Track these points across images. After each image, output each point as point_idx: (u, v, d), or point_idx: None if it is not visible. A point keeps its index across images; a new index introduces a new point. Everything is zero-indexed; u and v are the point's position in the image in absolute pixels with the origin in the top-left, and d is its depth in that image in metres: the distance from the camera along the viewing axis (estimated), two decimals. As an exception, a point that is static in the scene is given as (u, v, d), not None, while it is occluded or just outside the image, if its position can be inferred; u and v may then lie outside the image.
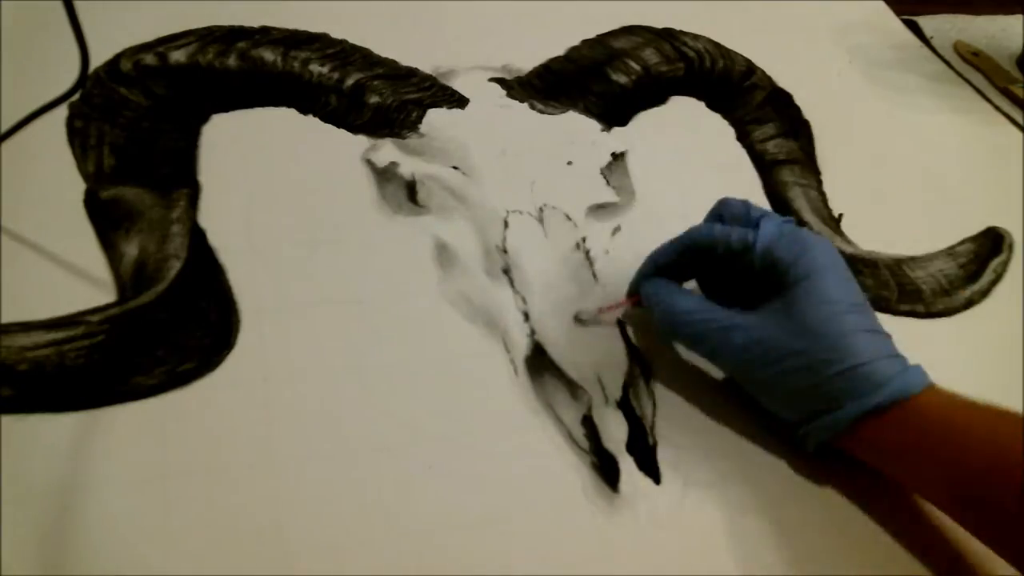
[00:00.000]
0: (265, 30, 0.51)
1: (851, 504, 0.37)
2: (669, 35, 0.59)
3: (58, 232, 0.41)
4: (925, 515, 0.37)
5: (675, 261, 0.39)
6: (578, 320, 0.41)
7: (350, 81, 0.49)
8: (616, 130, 0.52)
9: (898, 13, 0.70)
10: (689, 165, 0.52)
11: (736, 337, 0.36)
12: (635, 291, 0.40)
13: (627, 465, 0.37)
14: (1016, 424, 0.32)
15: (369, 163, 0.47)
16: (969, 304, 0.48)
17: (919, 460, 0.34)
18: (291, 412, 0.37)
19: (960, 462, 0.33)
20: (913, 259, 0.49)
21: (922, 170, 0.56)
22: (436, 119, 0.49)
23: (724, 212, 0.40)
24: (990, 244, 0.50)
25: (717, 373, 0.41)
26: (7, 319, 0.37)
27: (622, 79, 0.54)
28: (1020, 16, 0.72)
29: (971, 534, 0.34)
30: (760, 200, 0.51)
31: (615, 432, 0.38)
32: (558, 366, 0.39)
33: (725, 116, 0.55)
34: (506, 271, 0.43)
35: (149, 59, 0.48)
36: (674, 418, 0.39)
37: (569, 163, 0.48)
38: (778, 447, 0.39)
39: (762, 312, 0.36)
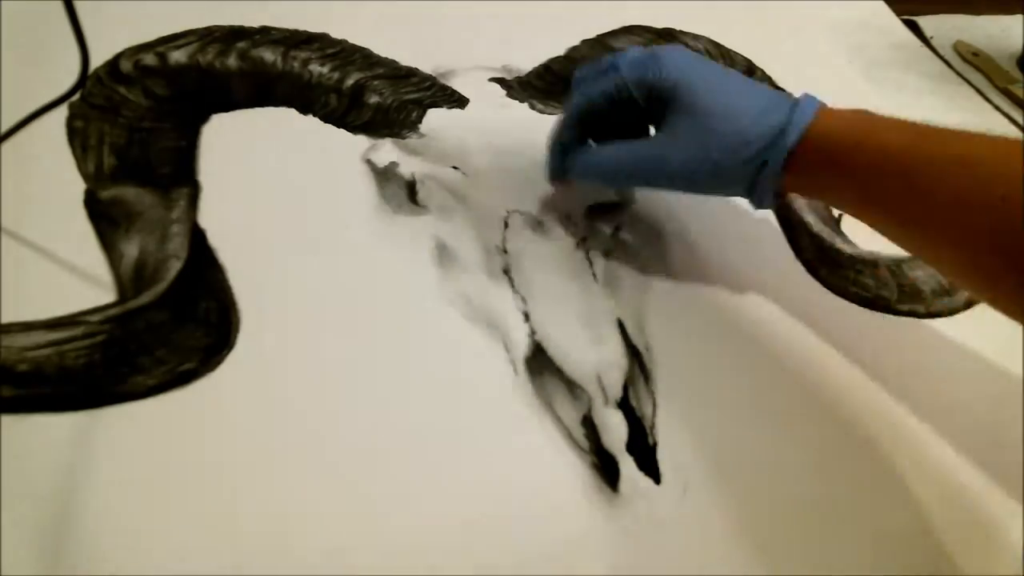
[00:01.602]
0: (265, 30, 0.51)
1: (851, 504, 0.37)
2: (669, 35, 0.59)
3: (58, 232, 0.41)
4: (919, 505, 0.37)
5: (576, 136, 0.41)
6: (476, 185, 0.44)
7: (350, 81, 0.49)
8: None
9: (898, 13, 0.70)
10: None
11: (660, 155, 0.38)
12: (559, 175, 0.42)
13: (627, 465, 0.37)
14: (902, 134, 0.35)
15: (369, 163, 0.47)
16: (969, 304, 0.48)
17: (835, 184, 0.36)
18: (291, 412, 0.37)
19: (865, 178, 0.35)
20: (913, 259, 0.49)
21: (922, 170, 0.56)
22: (436, 119, 0.49)
23: (586, 76, 0.41)
24: (990, 244, 0.50)
25: (717, 373, 0.41)
26: (7, 319, 0.37)
27: (622, 79, 0.54)
28: (1020, 16, 0.72)
29: (900, 244, 0.36)
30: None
31: (615, 432, 0.38)
32: (558, 366, 0.39)
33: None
34: (506, 271, 0.43)
35: (149, 59, 0.48)
36: (674, 418, 0.39)
37: (569, 163, 0.48)
38: (778, 446, 0.39)
39: (666, 130, 0.38)
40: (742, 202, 0.50)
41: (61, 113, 0.44)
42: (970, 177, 0.32)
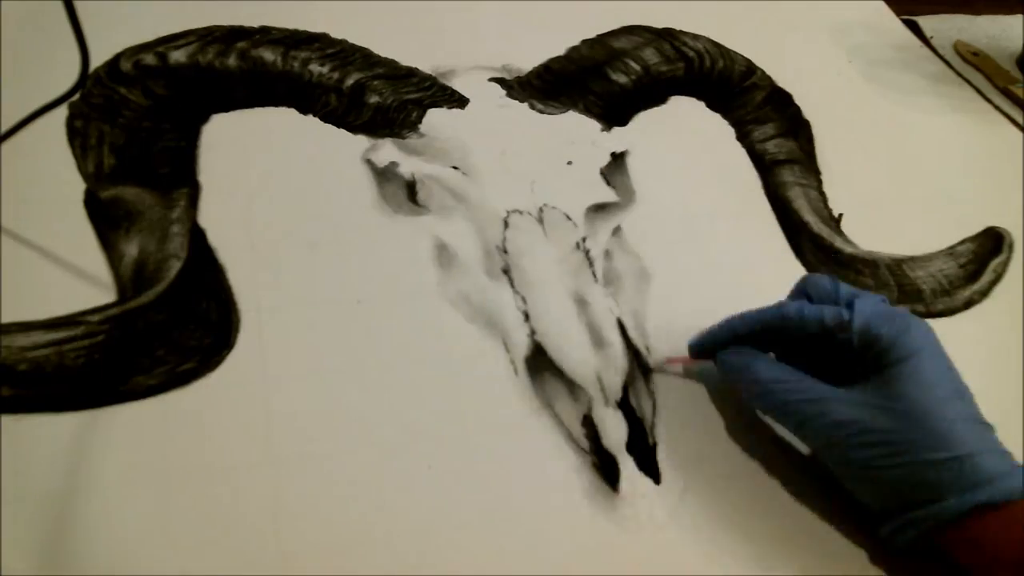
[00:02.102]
0: (265, 30, 0.51)
1: (850, 504, 0.37)
2: (669, 35, 0.59)
3: (58, 232, 0.41)
4: None
5: (755, 333, 0.37)
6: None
7: (350, 81, 0.49)
8: (616, 130, 0.52)
9: (898, 13, 0.70)
10: (689, 165, 0.52)
11: (830, 412, 0.33)
12: (699, 350, 0.39)
13: (627, 465, 0.37)
14: None
15: (369, 163, 0.47)
16: (969, 304, 0.48)
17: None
18: (291, 412, 0.37)
19: None
20: (913, 259, 0.49)
21: (922, 170, 0.56)
22: (436, 119, 0.49)
23: (810, 290, 0.38)
24: (990, 244, 0.50)
25: (717, 372, 0.41)
26: (7, 319, 0.37)
27: (622, 79, 0.54)
28: (1020, 16, 0.72)
29: None
30: (760, 200, 0.51)
31: (615, 432, 0.38)
32: (558, 366, 0.39)
33: (725, 116, 0.55)
34: (506, 271, 0.43)
35: (149, 59, 0.48)
36: (674, 418, 0.39)
37: (569, 163, 0.48)
38: (778, 446, 0.39)
39: (858, 389, 0.34)
40: (742, 202, 0.50)
41: (61, 113, 0.44)
42: None
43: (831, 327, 0.35)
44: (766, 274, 0.47)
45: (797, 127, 0.56)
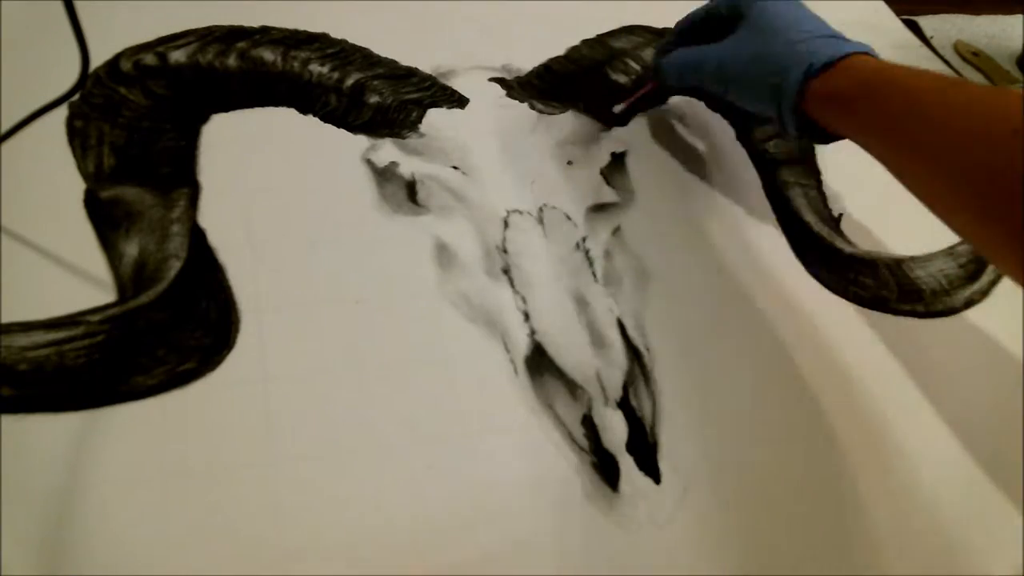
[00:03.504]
0: (265, 30, 0.51)
1: (850, 504, 0.37)
2: (669, 35, 0.59)
3: (58, 232, 0.41)
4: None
5: (674, 43, 0.47)
6: (614, 114, 0.50)
7: (350, 81, 0.49)
8: (616, 130, 0.52)
9: (898, 13, 0.70)
10: (689, 165, 0.52)
11: (717, 53, 0.43)
12: (655, 74, 0.48)
13: (627, 465, 0.37)
14: (931, 75, 0.36)
15: (369, 163, 0.47)
16: (969, 304, 0.48)
17: (855, 107, 0.38)
18: (291, 412, 0.37)
19: (884, 105, 0.36)
20: (913, 259, 0.49)
21: (922, 170, 0.56)
22: (436, 119, 0.49)
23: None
24: (990, 244, 0.50)
25: (717, 374, 0.41)
26: (7, 319, 0.37)
27: (622, 79, 0.54)
28: (1020, 16, 0.72)
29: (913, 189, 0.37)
30: (760, 200, 0.51)
31: (615, 432, 0.38)
32: (558, 366, 0.39)
33: (725, 116, 0.55)
34: (506, 271, 0.43)
35: (149, 59, 0.48)
36: (674, 418, 0.39)
37: (569, 163, 0.48)
38: (778, 447, 0.39)
39: (730, 37, 0.43)
40: (742, 202, 0.50)
41: (61, 113, 0.44)
42: (988, 110, 0.32)
43: (711, 11, 0.45)
44: (766, 274, 0.47)
45: (797, 127, 0.56)
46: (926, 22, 0.71)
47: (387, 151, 0.47)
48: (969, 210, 0.33)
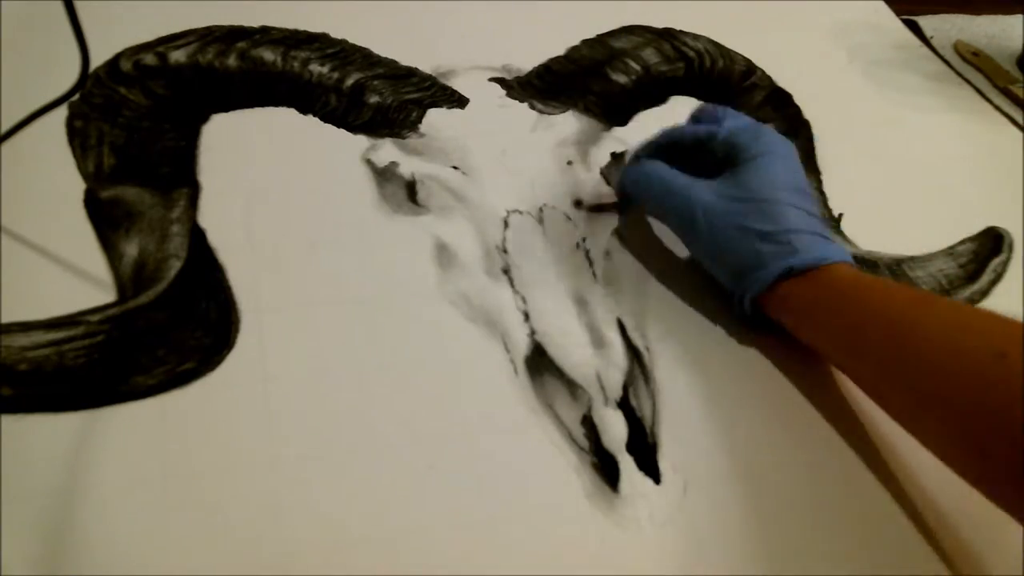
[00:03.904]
0: (265, 30, 0.51)
1: (850, 503, 0.37)
2: (669, 35, 0.59)
3: (58, 232, 0.41)
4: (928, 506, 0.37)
5: (653, 154, 0.44)
6: (577, 205, 0.46)
7: (350, 81, 0.49)
8: (616, 130, 0.52)
9: (898, 13, 0.70)
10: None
11: (690, 194, 0.40)
12: (622, 188, 0.46)
13: (627, 465, 0.37)
14: (906, 292, 0.36)
15: (369, 163, 0.47)
16: (969, 304, 0.48)
17: (825, 322, 0.37)
18: (291, 412, 0.37)
19: (858, 322, 0.36)
20: (913, 259, 0.49)
21: (922, 170, 0.56)
22: (436, 119, 0.49)
23: (701, 115, 0.45)
24: (990, 244, 0.50)
25: (717, 374, 0.41)
26: (7, 319, 0.37)
27: (622, 79, 0.54)
28: (1020, 16, 0.72)
29: (874, 399, 0.37)
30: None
31: (615, 432, 0.38)
32: (558, 366, 0.39)
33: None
34: (506, 271, 0.43)
35: (149, 59, 0.48)
36: (674, 418, 0.39)
37: (569, 163, 0.49)
38: (778, 447, 0.39)
39: (715, 180, 0.41)
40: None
41: (61, 113, 0.44)
42: (967, 334, 0.31)
43: (703, 138, 0.42)
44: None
45: (797, 127, 0.56)
46: (926, 22, 0.71)
47: (387, 151, 0.47)
48: (955, 441, 0.32)
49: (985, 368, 0.29)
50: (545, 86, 0.53)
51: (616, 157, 0.50)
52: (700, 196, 0.40)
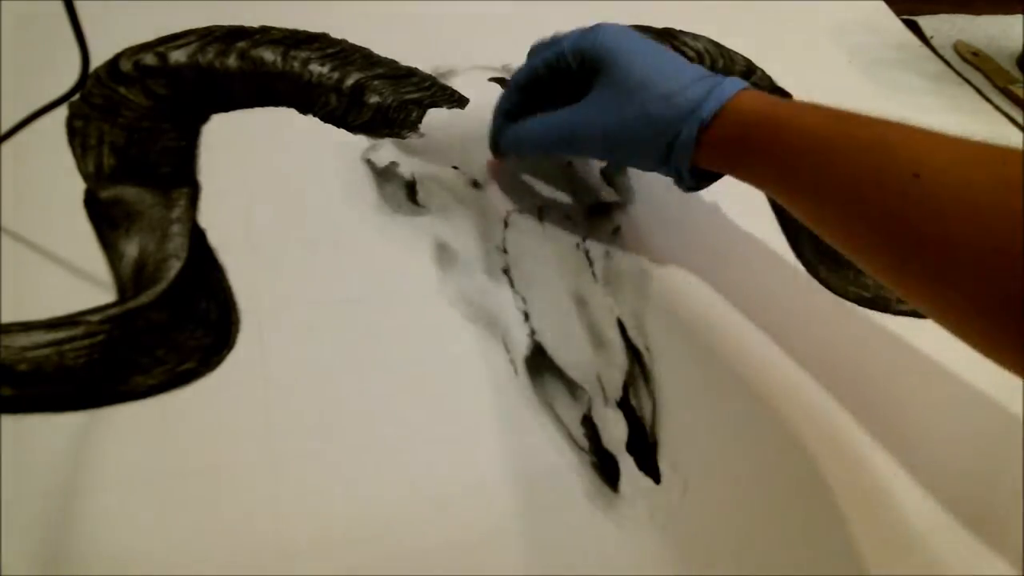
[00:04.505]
0: (265, 30, 0.51)
1: (850, 503, 0.37)
2: (669, 35, 0.59)
3: (58, 232, 0.41)
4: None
5: (518, 103, 0.43)
6: (476, 185, 0.45)
7: (350, 81, 0.49)
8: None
9: (898, 13, 0.70)
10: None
11: (580, 122, 0.40)
12: (495, 147, 0.45)
13: (627, 465, 0.37)
14: (817, 114, 0.35)
15: (369, 163, 0.47)
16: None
17: (749, 161, 0.37)
18: (291, 412, 0.37)
19: (778, 154, 0.35)
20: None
21: (922, 170, 0.56)
22: (436, 119, 0.49)
23: (537, 49, 0.44)
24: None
25: (717, 373, 0.41)
26: (7, 319, 0.37)
27: (622, 79, 0.54)
28: (1020, 16, 0.72)
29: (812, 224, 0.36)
30: (759, 199, 0.51)
31: (615, 432, 0.38)
32: (558, 366, 0.39)
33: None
34: (506, 271, 0.43)
35: (149, 59, 0.48)
36: (674, 418, 0.39)
37: (569, 163, 0.48)
38: (778, 446, 0.39)
39: (592, 97, 0.40)
40: (741, 202, 0.50)
41: (61, 113, 0.44)
42: (885, 155, 0.32)
43: (552, 62, 0.42)
44: (765, 273, 0.47)
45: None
46: (926, 22, 0.71)
47: (387, 151, 0.47)
48: (880, 254, 0.32)
49: (904, 187, 0.30)
50: (545, 86, 0.53)
51: None
52: (595, 115, 0.40)
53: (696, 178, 0.39)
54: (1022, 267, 0.27)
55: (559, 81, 0.42)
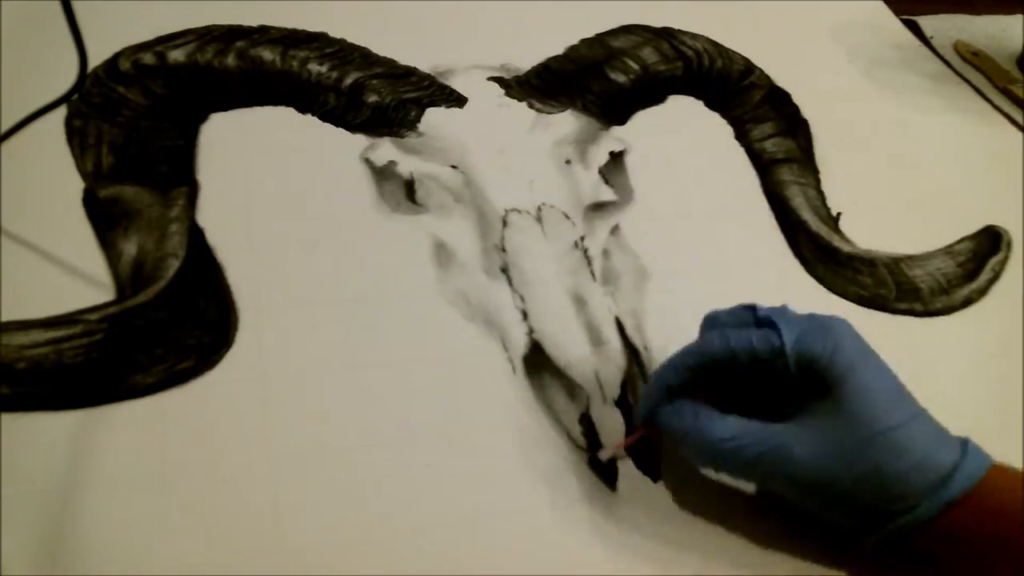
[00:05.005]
0: (264, 29, 0.51)
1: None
2: (668, 34, 0.59)
3: (57, 231, 0.41)
4: None
5: (688, 381, 0.34)
6: (598, 459, 0.37)
7: (349, 80, 0.49)
8: (615, 129, 0.52)
9: (898, 13, 0.70)
10: (687, 164, 0.52)
11: (792, 458, 0.31)
12: (648, 419, 0.35)
13: (625, 464, 0.37)
14: None
15: (368, 162, 0.47)
16: (967, 303, 0.48)
17: (1000, 547, 0.31)
18: (289, 410, 0.37)
19: None
20: (911, 258, 0.49)
21: (921, 169, 0.56)
22: (435, 118, 0.49)
23: (718, 321, 0.36)
24: (988, 243, 0.50)
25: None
26: (6, 317, 0.37)
27: (621, 78, 0.54)
28: (1020, 16, 0.72)
29: None
30: (758, 199, 0.51)
31: (613, 431, 0.38)
32: (556, 365, 0.39)
33: (723, 115, 0.55)
34: (504, 270, 0.43)
35: (148, 58, 0.48)
36: (672, 417, 0.39)
37: (568, 162, 0.48)
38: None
39: (809, 421, 0.32)
40: (740, 201, 0.50)
41: (60, 112, 0.44)
42: None
43: (764, 355, 0.33)
44: (764, 273, 0.47)
45: (795, 126, 0.56)
46: (926, 22, 0.71)
47: (386, 150, 0.47)
48: None
49: None
50: (544, 85, 0.53)
51: (615, 156, 0.50)
52: (808, 450, 0.31)
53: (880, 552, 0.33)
54: None
55: (758, 375, 0.33)
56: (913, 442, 0.31)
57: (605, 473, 0.37)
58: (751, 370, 0.33)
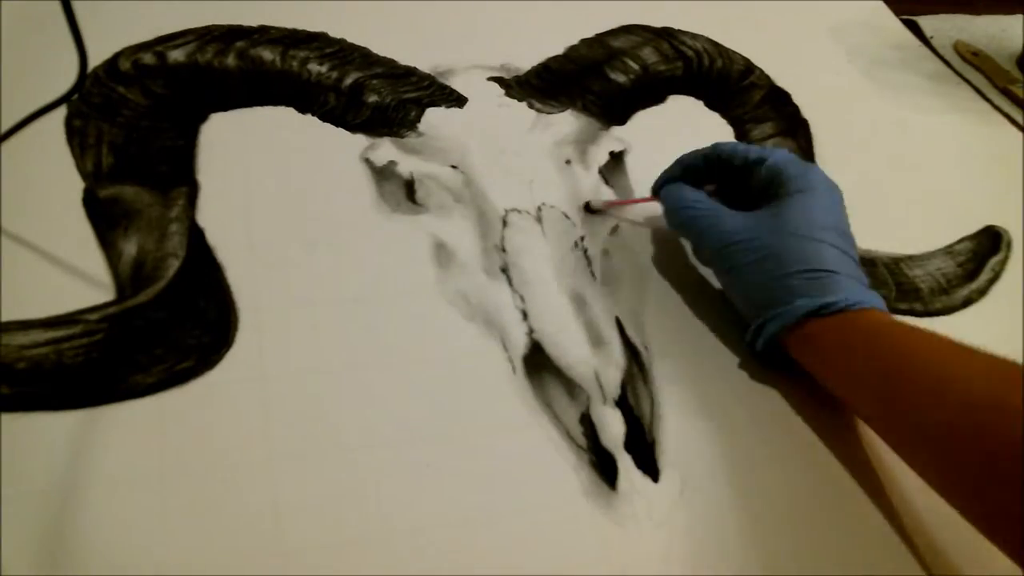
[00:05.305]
0: (264, 29, 0.51)
1: (850, 502, 0.37)
2: (668, 34, 0.59)
3: (57, 231, 0.41)
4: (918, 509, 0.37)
5: (699, 165, 0.44)
6: (588, 209, 0.46)
7: (349, 80, 0.50)
8: (615, 129, 0.52)
9: (898, 13, 0.70)
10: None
11: (721, 225, 0.40)
12: (656, 190, 0.45)
13: (625, 463, 0.37)
14: (959, 352, 0.34)
15: (368, 162, 0.47)
16: (967, 303, 0.48)
17: (854, 367, 0.36)
18: (289, 410, 0.37)
19: (895, 375, 0.34)
20: (911, 258, 0.49)
21: (921, 169, 0.56)
22: (435, 118, 0.49)
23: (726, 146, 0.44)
24: (988, 243, 0.50)
25: (715, 372, 0.41)
26: (6, 317, 0.37)
27: (621, 78, 0.54)
28: (1020, 16, 0.72)
29: (896, 452, 0.36)
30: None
31: (613, 430, 0.38)
32: (556, 365, 0.39)
33: (723, 115, 0.55)
34: (504, 270, 0.43)
35: (148, 58, 0.48)
36: (672, 416, 0.39)
37: (568, 162, 0.48)
38: (777, 445, 0.39)
39: (754, 213, 0.40)
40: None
41: (60, 112, 0.44)
42: (1012, 389, 0.31)
43: (752, 159, 0.42)
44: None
45: (795, 126, 0.56)
46: (926, 22, 0.71)
47: (386, 150, 0.47)
48: (959, 484, 0.32)
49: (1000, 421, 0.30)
50: (544, 85, 0.53)
51: (615, 156, 0.50)
52: (735, 226, 0.40)
53: (767, 347, 0.39)
54: None
55: (741, 173, 0.43)
56: (825, 259, 0.37)
57: (605, 472, 0.37)
58: (741, 173, 0.42)
